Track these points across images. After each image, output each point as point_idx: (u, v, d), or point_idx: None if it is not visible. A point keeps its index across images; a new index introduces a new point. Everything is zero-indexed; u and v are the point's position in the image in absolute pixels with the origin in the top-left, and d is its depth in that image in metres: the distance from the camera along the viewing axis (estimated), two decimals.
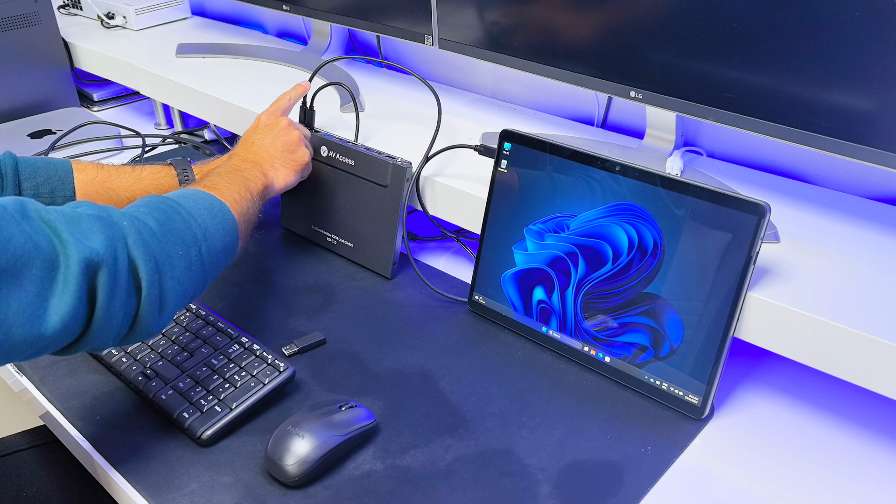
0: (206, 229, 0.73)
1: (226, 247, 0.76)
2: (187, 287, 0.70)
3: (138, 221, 0.67)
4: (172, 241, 0.68)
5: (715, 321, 0.74)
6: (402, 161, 0.97)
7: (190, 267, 0.70)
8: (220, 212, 0.76)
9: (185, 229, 0.71)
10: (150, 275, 0.64)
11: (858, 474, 0.73)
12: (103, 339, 0.63)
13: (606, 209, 0.81)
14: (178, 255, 0.68)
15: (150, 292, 0.65)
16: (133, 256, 0.64)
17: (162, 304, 0.67)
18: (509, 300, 0.90)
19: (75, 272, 0.59)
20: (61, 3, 1.80)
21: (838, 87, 0.73)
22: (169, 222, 0.70)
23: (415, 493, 0.70)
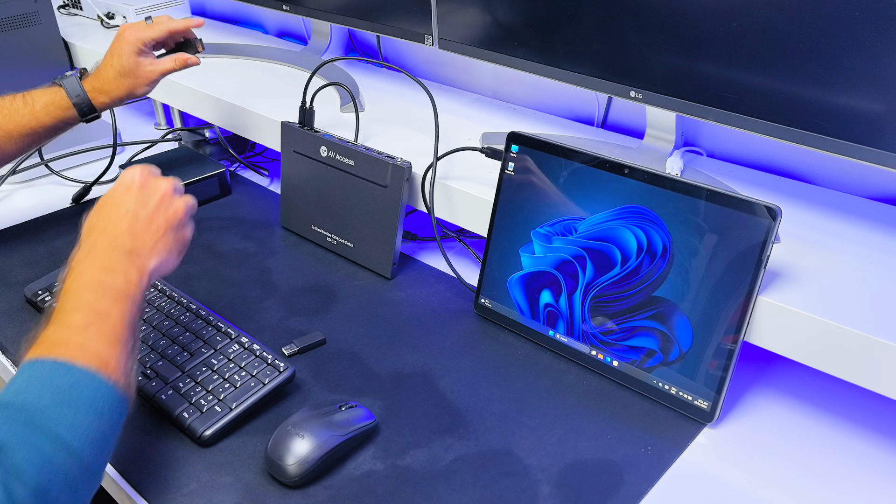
0: (94, 442, 0.60)
1: (115, 437, 0.63)
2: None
3: (12, 484, 0.54)
4: (55, 493, 0.56)
5: (725, 325, 0.74)
6: (402, 161, 0.97)
7: (76, 498, 0.58)
8: (109, 404, 0.62)
9: (71, 463, 0.58)
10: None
11: (862, 477, 0.73)
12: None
13: (615, 212, 0.81)
14: (63, 500, 0.57)
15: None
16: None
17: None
18: (516, 304, 0.90)
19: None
20: (61, 3, 1.80)
21: (838, 87, 0.73)
22: (49, 466, 0.56)
23: (415, 493, 0.70)
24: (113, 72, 1.01)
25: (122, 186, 0.74)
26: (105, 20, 1.68)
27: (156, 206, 0.73)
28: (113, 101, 1.02)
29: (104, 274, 0.67)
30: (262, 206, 1.21)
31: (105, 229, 0.70)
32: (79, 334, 0.63)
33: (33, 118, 0.99)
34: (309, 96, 1.06)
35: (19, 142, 1.00)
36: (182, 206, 0.75)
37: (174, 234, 0.74)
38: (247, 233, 1.13)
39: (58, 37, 1.51)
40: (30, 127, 0.99)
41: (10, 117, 0.98)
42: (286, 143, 1.10)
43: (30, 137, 1.00)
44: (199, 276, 1.02)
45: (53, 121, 1.00)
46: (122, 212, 0.72)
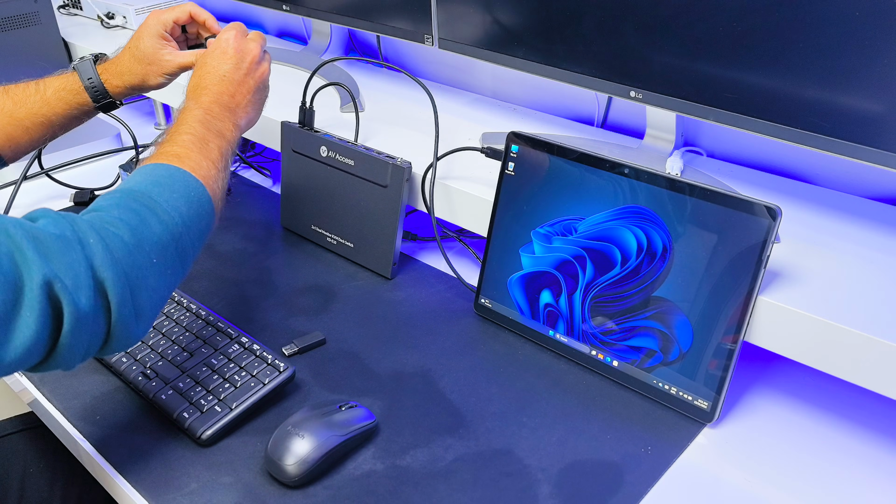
0: (185, 222, 0.68)
1: (202, 232, 0.71)
2: (164, 290, 0.66)
3: (108, 234, 0.61)
4: (147, 250, 0.64)
5: (725, 325, 0.74)
6: (402, 161, 0.97)
7: (166, 270, 0.66)
8: (198, 197, 0.70)
9: (162, 231, 0.66)
10: (120, 294, 0.60)
11: (862, 477, 0.73)
12: (69, 361, 0.60)
13: (615, 212, 0.81)
14: (153, 263, 0.64)
15: (122, 311, 0.61)
16: (101, 279, 0.59)
17: (138, 315, 0.63)
18: (516, 304, 0.90)
19: (38, 296, 0.55)
20: (61, 3, 1.80)
21: (838, 87, 0.73)
22: (143, 228, 0.64)
23: (415, 493, 0.70)
24: (129, 56, 0.96)
25: (219, 51, 0.87)
26: (105, 20, 1.68)
27: (247, 69, 0.86)
28: (126, 87, 0.97)
29: (209, 116, 0.80)
30: (262, 206, 1.21)
31: (208, 87, 0.83)
32: (182, 148, 0.74)
33: (45, 104, 0.95)
34: (309, 96, 1.06)
35: (32, 131, 0.95)
36: (267, 67, 0.89)
37: (260, 93, 0.88)
38: (247, 233, 1.13)
39: (58, 37, 1.51)
40: (42, 114, 0.94)
41: (21, 103, 0.94)
42: (286, 143, 1.10)
43: (43, 126, 0.95)
44: (199, 276, 1.02)
45: (66, 107, 0.96)
46: (220, 74, 0.85)
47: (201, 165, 0.73)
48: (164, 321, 0.89)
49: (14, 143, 0.95)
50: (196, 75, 0.86)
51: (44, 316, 0.56)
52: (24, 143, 0.96)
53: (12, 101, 0.93)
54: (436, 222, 0.99)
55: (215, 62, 0.86)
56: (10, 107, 0.92)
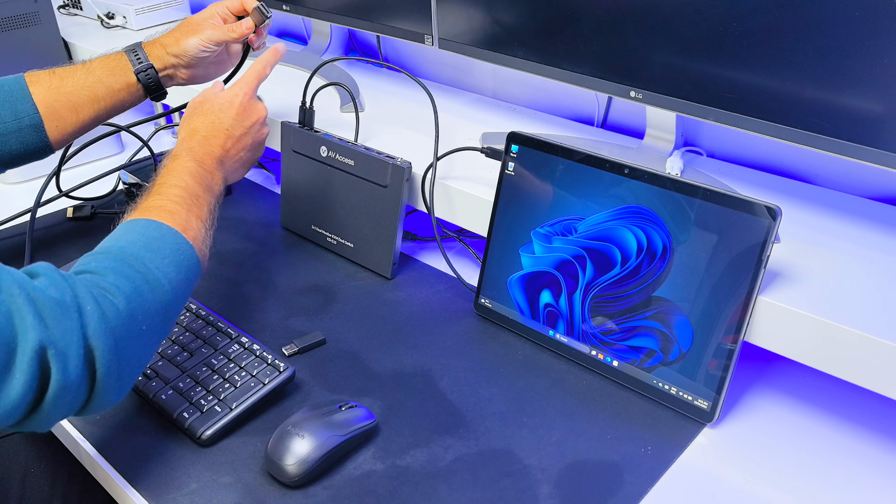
0: (174, 289, 0.68)
1: (188, 294, 0.72)
2: (147, 358, 0.67)
3: (105, 302, 0.61)
4: (139, 319, 0.64)
5: (725, 325, 0.74)
6: (402, 161, 0.97)
7: (153, 337, 0.66)
8: (187, 261, 0.70)
9: (154, 300, 0.65)
10: (107, 364, 0.60)
11: (862, 477, 0.73)
12: (45, 425, 0.60)
13: (615, 212, 0.81)
14: (142, 331, 0.64)
15: (106, 380, 0.61)
16: (92, 347, 0.59)
17: (120, 383, 0.62)
18: (516, 304, 0.90)
19: (30, 360, 0.55)
20: (61, 3, 1.80)
21: (839, 87, 0.73)
22: (137, 297, 0.64)
23: (415, 493, 0.70)
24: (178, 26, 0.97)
25: (226, 102, 0.86)
26: (105, 20, 1.68)
27: (248, 128, 0.86)
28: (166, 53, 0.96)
29: (200, 168, 0.79)
30: (262, 206, 1.21)
31: (206, 137, 0.83)
32: (174, 204, 0.73)
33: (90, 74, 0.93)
34: (309, 96, 1.06)
35: (80, 108, 0.93)
36: (266, 132, 0.89)
37: (253, 153, 0.88)
38: (247, 233, 1.13)
39: (58, 37, 1.51)
40: (88, 87, 0.93)
41: (67, 77, 0.92)
42: (286, 143, 1.10)
43: (90, 103, 0.93)
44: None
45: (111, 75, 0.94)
46: (221, 127, 0.84)
47: (191, 225, 0.73)
48: None
49: (60, 122, 0.93)
50: (195, 118, 0.85)
51: (32, 381, 0.56)
52: (71, 123, 0.94)
53: (58, 77, 0.92)
54: (436, 222, 0.99)
55: (218, 111, 0.85)
56: (57, 82, 0.91)
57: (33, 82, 0.91)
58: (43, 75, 0.92)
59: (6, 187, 1.27)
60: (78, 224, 1.17)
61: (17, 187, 1.27)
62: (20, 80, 0.91)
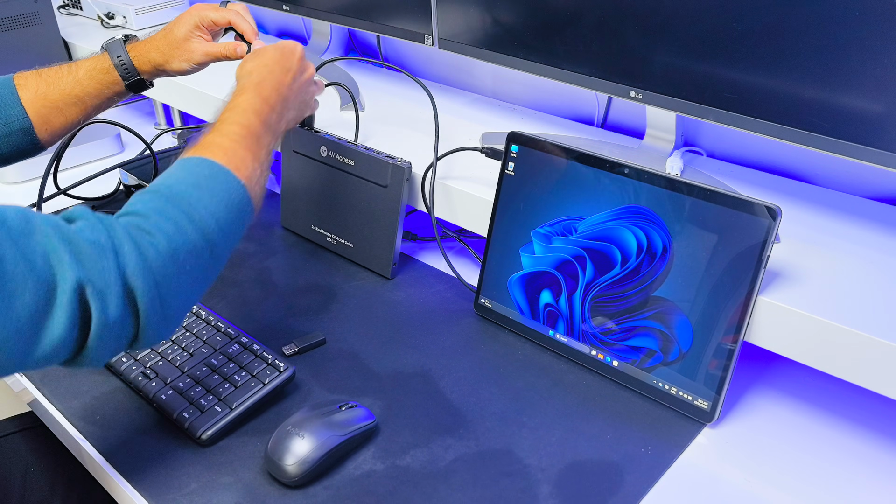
0: (221, 229, 0.67)
1: (239, 234, 0.71)
2: (195, 294, 0.67)
3: (143, 243, 0.61)
4: (182, 259, 0.63)
5: (725, 325, 0.74)
6: (402, 161, 0.97)
7: (198, 276, 0.66)
8: (238, 199, 0.70)
9: (198, 239, 0.65)
10: (149, 302, 0.61)
11: (862, 477, 0.73)
12: (96, 362, 0.61)
13: (615, 212, 0.81)
14: (187, 270, 0.64)
15: (150, 317, 0.61)
16: (132, 286, 0.60)
17: (166, 319, 0.63)
18: (516, 304, 0.90)
19: (70, 299, 0.56)
20: (61, 3, 1.80)
21: (838, 87, 0.73)
22: (179, 235, 0.64)
23: (415, 493, 0.70)
24: (161, 36, 0.96)
25: (287, 50, 0.86)
26: (105, 20, 1.68)
27: (305, 82, 0.87)
28: (152, 66, 0.96)
29: (264, 106, 0.78)
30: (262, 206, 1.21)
31: (273, 72, 0.82)
32: (231, 142, 0.72)
33: (77, 84, 0.94)
34: None
35: (66, 112, 0.94)
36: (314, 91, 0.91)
37: (304, 107, 0.89)
38: (247, 233, 1.13)
39: (58, 37, 1.51)
40: (74, 94, 0.94)
41: (54, 85, 0.93)
42: (286, 144, 1.10)
43: (76, 107, 0.95)
44: None
45: (98, 86, 0.95)
46: (287, 67, 0.84)
47: (246, 164, 0.72)
48: None
49: (49, 125, 0.94)
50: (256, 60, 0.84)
51: (73, 318, 0.57)
52: (59, 125, 0.95)
53: (45, 83, 0.93)
54: (436, 222, 0.99)
55: (281, 56, 0.85)
56: (44, 88, 0.92)
57: (21, 86, 0.92)
58: (31, 78, 0.93)
59: (5, 187, 1.27)
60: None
61: (17, 187, 1.27)
62: (9, 84, 0.92)
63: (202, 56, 0.95)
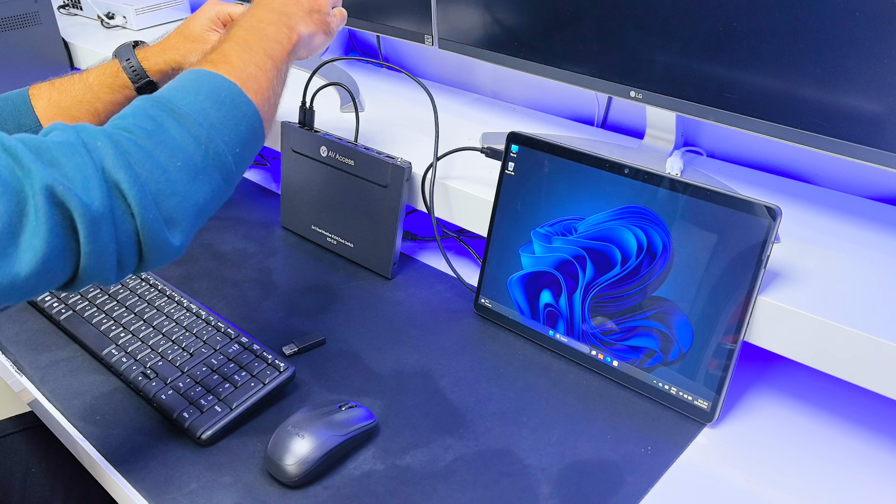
0: (212, 124, 0.64)
1: (243, 137, 0.67)
2: (199, 197, 0.63)
3: (120, 137, 0.59)
4: (167, 154, 0.60)
5: (725, 325, 0.74)
6: (402, 161, 0.97)
7: (196, 175, 0.62)
8: (230, 98, 0.66)
9: (183, 134, 0.62)
10: (139, 196, 0.57)
11: (862, 477, 0.73)
12: (103, 272, 0.57)
13: (615, 212, 0.81)
14: (178, 167, 0.61)
15: (146, 215, 0.58)
16: (115, 180, 0.57)
17: (169, 222, 0.60)
18: (516, 304, 0.90)
19: (41, 202, 0.53)
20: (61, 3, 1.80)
21: (838, 87, 0.73)
22: (159, 131, 0.61)
23: (415, 493, 0.70)
24: (177, 34, 0.94)
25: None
26: (105, 20, 1.68)
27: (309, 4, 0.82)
28: (167, 65, 0.94)
29: (259, 22, 0.76)
30: (262, 206, 1.21)
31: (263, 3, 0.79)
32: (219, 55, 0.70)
33: (88, 90, 0.92)
34: (309, 96, 1.06)
35: (79, 120, 0.92)
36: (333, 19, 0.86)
37: (318, 15, 0.83)
38: (247, 233, 1.13)
39: (58, 37, 1.51)
40: (86, 101, 0.92)
41: (66, 92, 0.92)
42: (286, 143, 1.10)
43: (88, 114, 0.93)
44: (199, 276, 1.02)
45: (108, 91, 0.93)
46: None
47: (237, 67, 0.69)
48: (164, 321, 0.89)
49: None
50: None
51: (51, 223, 0.53)
52: None
53: (58, 90, 0.92)
54: (436, 222, 0.99)
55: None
56: (56, 96, 0.91)
57: (35, 95, 0.92)
58: (44, 88, 0.92)
59: None
60: None
61: None
62: (24, 95, 0.92)
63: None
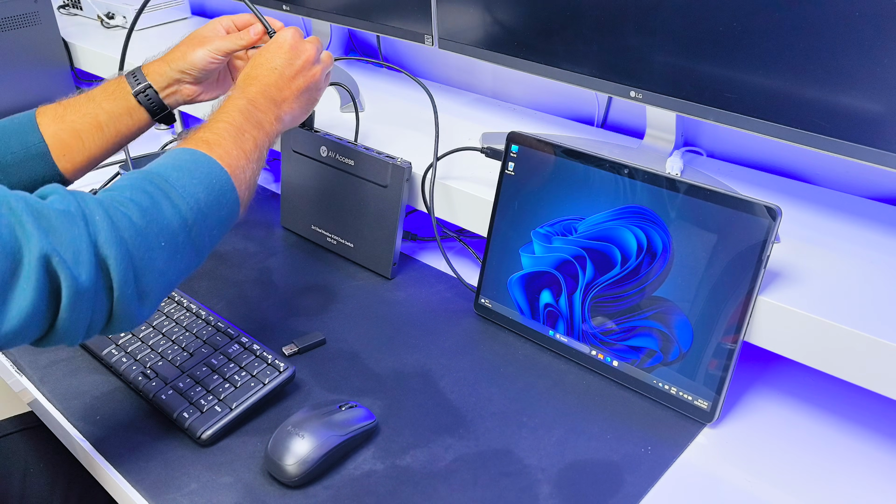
0: (200, 209, 0.67)
1: (222, 221, 0.70)
2: (172, 275, 0.66)
3: (116, 213, 0.62)
4: (155, 232, 0.64)
5: (725, 325, 0.74)
6: (402, 161, 0.97)
7: (175, 254, 0.65)
8: (219, 183, 0.69)
9: (173, 214, 0.65)
10: (122, 273, 0.60)
11: (862, 477, 0.73)
12: (71, 337, 0.60)
13: (615, 212, 0.81)
14: (161, 246, 0.64)
15: (124, 290, 0.61)
16: (104, 256, 0.60)
17: (142, 297, 0.63)
18: (516, 304, 0.90)
19: (36, 268, 0.56)
20: (61, 3, 1.80)
21: (838, 87, 0.73)
22: (154, 209, 0.64)
23: (415, 493, 0.70)
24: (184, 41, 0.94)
25: (275, 45, 0.86)
26: (105, 20, 1.68)
27: (300, 67, 0.85)
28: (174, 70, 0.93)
29: (251, 106, 0.79)
30: (262, 206, 1.21)
31: (257, 78, 0.83)
32: (215, 136, 0.73)
33: (90, 101, 0.92)
34: None
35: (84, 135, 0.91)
36: (319, 70, 0.87)
37: (309, 93, 0.87)
38: (247, 233, 1.13)
39: (58, 37, 1.51)
40: (90, 113, 0.91)
41: (72, 107, 0.91)
42: (286, 143, 1.10)
43: (92, 128, 0.91)
44: (199, 276, 1.02)
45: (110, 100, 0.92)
46: (272, 67, 0.84)
47: (231, 154, 0.72)
48: (164, 321, 0.89)
49: (68, 152, 0.91)
50: (248, 66, 0.86)
51: (41, 289, 0.56)
52: (78, 152, 0.92)
53: (63, 106, 0.92)
54: (436, 222, 0.99)
55: (269, 55, 0.86)
56: (61, 111, 0.91)
57: (41, 113, 0.91)
58: (50, 107, 0.92)
59: None
60: None
61: None
62: (30, 114, 0.92)
63: (221, 46, 0.93)
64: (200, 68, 0.93)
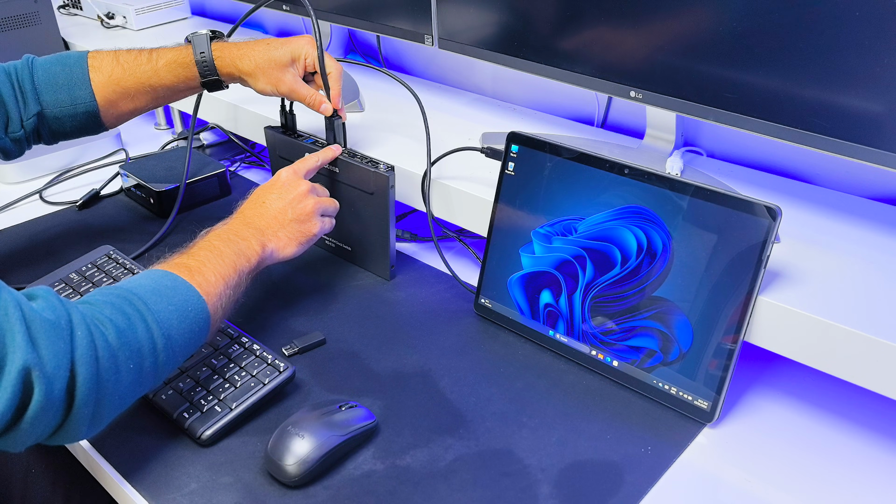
0: (170, 337, 0.68)
1: (190, 348, 0.72)
2: (127, 400, 0.66)
3: (96, 331, 0.62)
4: (126, 355, 0.64)
5: (725, 325, 0.74)
6: (384, 169, 0.94)
7: (140, 376, 0.66)
8: (193, 314, 0.71)
9: (146, 339, 0.66)
10: (85, 395, 0.61)
11: (862, 477, 0.73)
12: (18, 445, 0.60)
13: (615, 212, 0.81)
14: (129, 369, 0.65)
15: (83, 412, 0.61)
16: (76, 372, 0.60)
17: (94, 419, 0.63)
18: (516, 304, 0.90)
19: (14, 379, 0.56)
20: (61, 3, 1.81)
21: (838, 87, 0.73)
22: (129, 331, 0.65)
23: (415, 493, 0.70)
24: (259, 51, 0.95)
25: (269, 182, 0.89)
26: (105, 20, 1.68)
27: (289, 201, 0.87)
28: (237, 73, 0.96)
29: (233, 235, 0.81)
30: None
31: (244, 212, 0.86)
32: (196, 262, 0.75)
33: (154, 74, 0.94)
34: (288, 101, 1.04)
35: (137, 99, 0.95)
36: (311, 205, 0.88)
37: (297, 226, 0.87)
38: None
39: (58, 37, 1.51)
40: (149, 84, 0.94)
41: (130, 72, 0.93)
42: (272, 148, 1.09)
43: (147, 95, 0.95)
44: None
45: (174, 79, 0.95)
46: (260, 201, 0.87)
47: (209, 281, 0.74)
48: None
49: (116, 110, 0.95)
50: (246, 200, 0.88)
51: (13, 399, 0.57)
52: (127, 110, 0.96)
53: (122, 68, 0.92)
54: (433, 225, 0.99)
55: (262, 191, 0.89)
56: (119, 74, 0.91)
57: (95, 68, 0.91)
58: (105, 60, 0.92)
59: (6, 187, 1.27)
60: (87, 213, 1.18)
61: (17, 187, 1.26)
62: (82, 63, 0.91)
63: (288, 90, 0.96)
64: (263, 91, 0.97)
